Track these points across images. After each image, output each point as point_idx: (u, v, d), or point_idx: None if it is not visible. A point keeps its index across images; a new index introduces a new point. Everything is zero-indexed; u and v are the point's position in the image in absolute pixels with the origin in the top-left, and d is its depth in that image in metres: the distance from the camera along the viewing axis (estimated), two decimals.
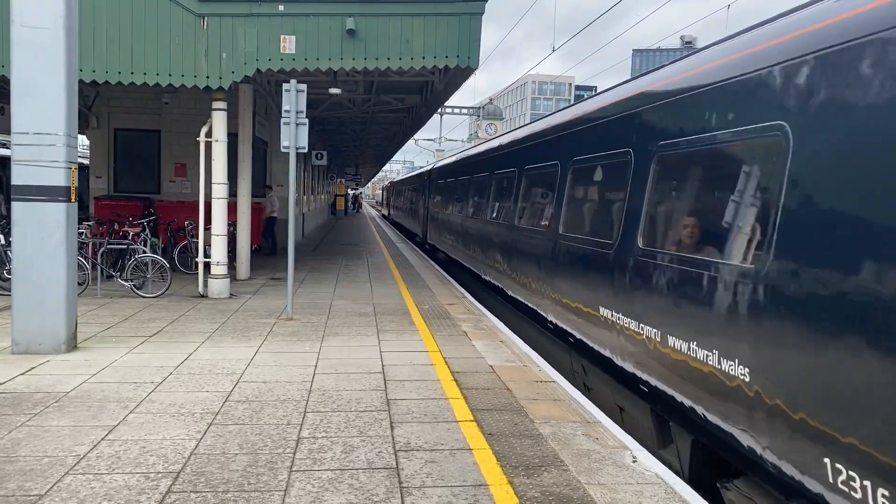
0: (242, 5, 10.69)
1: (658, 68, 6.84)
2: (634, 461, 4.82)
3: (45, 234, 7.35)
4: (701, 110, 5.29)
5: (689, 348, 5.00)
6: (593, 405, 6.17)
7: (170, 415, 5.55)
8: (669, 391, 5.32)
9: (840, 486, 3.48)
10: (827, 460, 3.57)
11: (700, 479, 5.22)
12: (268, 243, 18.71)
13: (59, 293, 7.42)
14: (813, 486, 3.69)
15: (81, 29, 8.55)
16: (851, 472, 3.41)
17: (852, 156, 3.68)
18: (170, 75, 10.65)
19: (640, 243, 6.06)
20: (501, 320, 10.48)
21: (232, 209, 12.73)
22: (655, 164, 6.05)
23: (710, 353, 4.70)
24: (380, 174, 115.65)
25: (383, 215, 62.27)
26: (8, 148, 13.53)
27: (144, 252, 12.06)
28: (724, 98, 5.00)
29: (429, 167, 28.50)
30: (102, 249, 11.85)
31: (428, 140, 58.70)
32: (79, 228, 9.63)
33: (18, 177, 7.30)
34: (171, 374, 6.77)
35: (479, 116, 47.31)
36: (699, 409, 4.87)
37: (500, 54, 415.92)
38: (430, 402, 6.07)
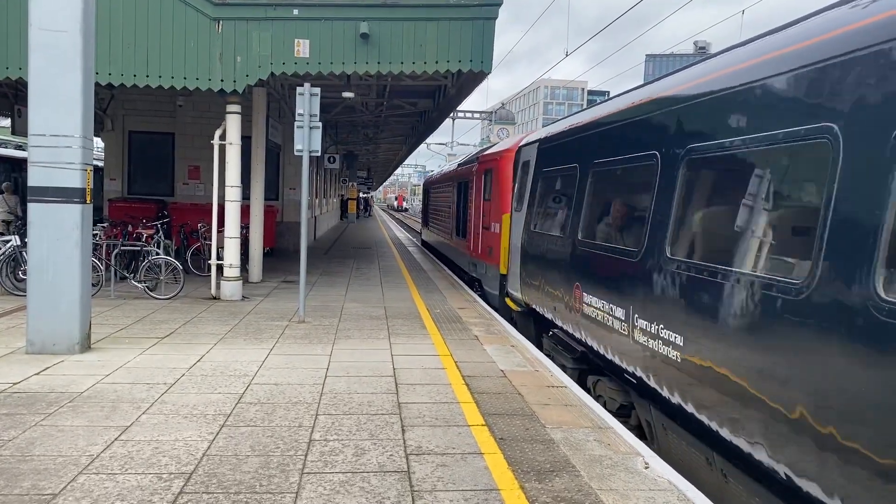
0: (257, 9, 10.75)
1: None
2: (646, 467, 4.79)
3: (61, 235, 7.41)
4: None
5: None
6: (605, 411, 6.15)
7: (182, 416, 5.58)
8: None
9: None
10: None
11: None
12: None
13: (73, 294, 7.47)
14: None
15: (97, 32, 8.63)
16: None
17: None
18: (184, 78, 10.72)
19: None
20: None
21: (245, 212, 12.80)
22: None
23: None
24: (391, 178, 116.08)
25: (425, 243, 27.96)
26: (24, 150, 13.54)
27: (158, 254, 12.13)
28: None
29: None
30: (116, 251, 11.93)
31: (440, 144, 58.84)
32: (93, 230, 9.72)
33: (35, 178, 7.37)
34: (183, 375, 6.80)
35: (491, 121, 47.27)
36: None
37: (526, 57, 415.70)
38: (441, 405, 6.06)
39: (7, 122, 20.24)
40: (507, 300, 11.46)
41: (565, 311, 8.02)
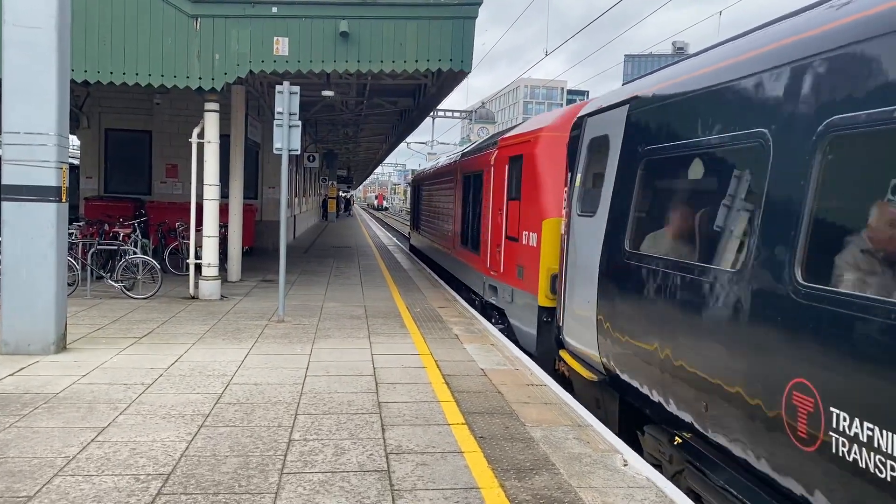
0: (235, 7, 10.67)
1: None
2: (625, 465, 4.83)
3: (36, 234, 7.31)
4: None
5: None
6: (584, 409, 6.19)
7: (160, 417, 5.53)
8: None
9: None
10: None
11: None
12: None
13: (48, 294, 7.37)
14: None
15: (73, 29, 8.53)
16: None
17: None
18: (162, 76, 10.62)
19: None
20: None
21: (223, 211, 12.71)
22: None
23: None
24: (371, 177, 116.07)
25: (414, 249, 24.17)
26: None
27: (135, 253, 12.00)
28: None
29: None
30: (93, 250, 11.79)
31: (420, 143, 58.86)
32: (69, 229, 9.59)
33: (9, 177, 7.27)
34: (161, 375, 6.74)
35: (471, 120, 47.37)
36: None
37: (507, 56, 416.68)
38: (421, 404, 6.06)
39: None
40: (565, 354, 7.42)
41: (748, 426, 4.02)
